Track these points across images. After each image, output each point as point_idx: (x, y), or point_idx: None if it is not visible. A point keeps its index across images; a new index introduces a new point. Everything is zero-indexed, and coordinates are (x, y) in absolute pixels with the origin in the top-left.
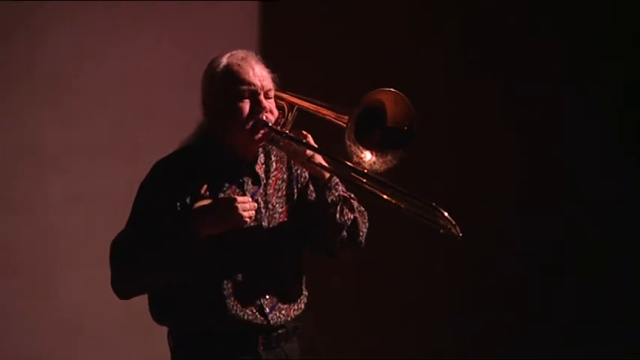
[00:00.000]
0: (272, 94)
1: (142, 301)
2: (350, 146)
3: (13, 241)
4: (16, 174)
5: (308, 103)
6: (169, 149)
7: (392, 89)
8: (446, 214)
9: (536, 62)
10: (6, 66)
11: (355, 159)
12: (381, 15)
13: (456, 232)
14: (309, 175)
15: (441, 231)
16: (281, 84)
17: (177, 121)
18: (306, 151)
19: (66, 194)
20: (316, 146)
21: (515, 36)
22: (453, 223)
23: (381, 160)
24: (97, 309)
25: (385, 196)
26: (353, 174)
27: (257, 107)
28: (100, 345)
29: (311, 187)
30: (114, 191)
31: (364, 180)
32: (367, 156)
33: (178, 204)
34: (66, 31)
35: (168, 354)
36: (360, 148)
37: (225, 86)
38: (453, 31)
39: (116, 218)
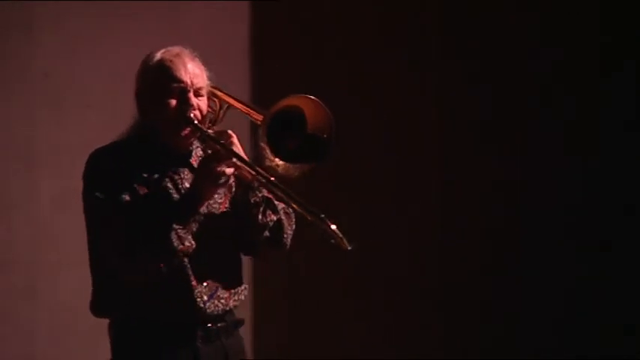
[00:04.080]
0: (204, 91)
1: None
2: (264, 149)
3: (4, 240)
4: (8, 173)
5: (238, 103)
6: None
7: (311, 97)
8: (333, 227)
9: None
10: None
11: (267, 162)
12: (372, 16)
13: (344, 245)
14: (234, 175)
15: (332, 241)
16: (216, 81)
17: None
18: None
19: (58, 193)
20: (238, 148)
21: (508, 44)
22: (340, 236)
23: (296, 166)
24: (87, 308)
25: (295, 205)
26: (258, 176)
27: (185, 104)
28: (91, 344)
29: None
30: None
31: (265, 183)
32: (280, 161)
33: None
34: (58, 31)
35: None
36: (274, 152)
37: (156, 82)
38: (446, 33)
39: None
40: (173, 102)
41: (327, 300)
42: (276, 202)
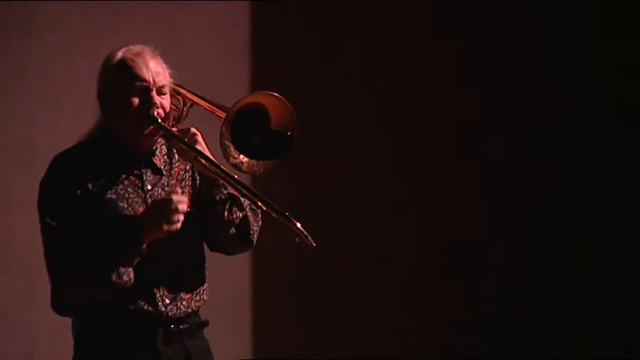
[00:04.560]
0: (166, 89)
1: None
2: (228, 146)
3: (3, 239)
4: (8, 173)
5: (202, 101)
6: None
7: (274, 93)
8: (298, 225)
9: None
10: None
11: (232, 160)
12: (372, 16)
13: (308, 243)
14: (198, 172)
15: (296, 240)
16: (178, 79)
17: None
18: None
19: None
20: (202, 146)
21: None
22: (305, 234)
23: (260, 163)
24: None
25: (260, 203)
26: (222, 174)
27: (147, 103)
28: None
29: None
30: None
31: (230, 181)
32: (245, 157)
33: (83, 200)
34: (57, 31)
35: None
36: (238, 149)
37: (118, 80)
38: (447, 33)
39: None
40: (136, 100)
41: (326, 300)
42: (242, 199)
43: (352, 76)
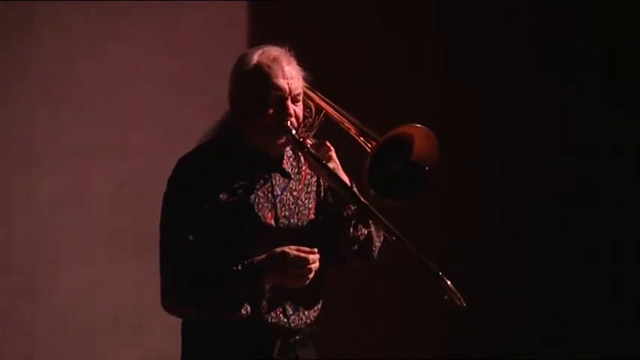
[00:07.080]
0: (300, 97)
1: (131, 301)
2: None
3: (2, 239)
4: (7, 173)
5: (335, 112)
6: (160, 148)
7: (424, 127)
8: (449, 283)
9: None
10: None
11: (372, 191)
12: (371, 17)
13: (459, 303)
14: (328, 186)
15: (445, 297)
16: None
17: (168, 120)
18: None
19: (57, 193)
20: (336, 163)
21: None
22: (458, 295)
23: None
24: (87, 308)
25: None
26: (368, 209)
27: (283, 112)
28: (89, 343)
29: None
30: (104, 190)
31: (375, 218)
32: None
33: (213, 204)
34: (57, 31)
35: (158, 352)
36: (371, 181)
37: (253, 87)
38: (447, 34)
39: (106, 217)
40: (270, 110)
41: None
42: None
43: (352, 76)
